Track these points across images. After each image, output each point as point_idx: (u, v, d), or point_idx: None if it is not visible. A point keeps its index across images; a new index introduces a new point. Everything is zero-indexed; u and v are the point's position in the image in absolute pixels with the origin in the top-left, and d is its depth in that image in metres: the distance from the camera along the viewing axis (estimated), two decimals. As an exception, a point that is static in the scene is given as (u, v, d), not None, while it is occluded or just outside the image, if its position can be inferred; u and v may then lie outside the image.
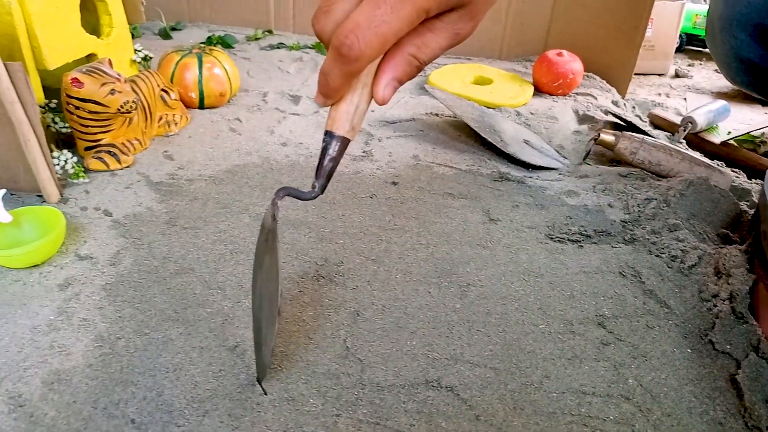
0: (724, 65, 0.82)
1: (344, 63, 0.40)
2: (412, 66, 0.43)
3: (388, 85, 0.43)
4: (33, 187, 0.81)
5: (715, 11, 0.80)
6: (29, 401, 0.52)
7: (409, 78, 0.44)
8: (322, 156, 0.46)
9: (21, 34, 0.84)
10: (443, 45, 0.43)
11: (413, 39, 0.42)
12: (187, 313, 0.63)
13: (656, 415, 0.54)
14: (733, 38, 0.78)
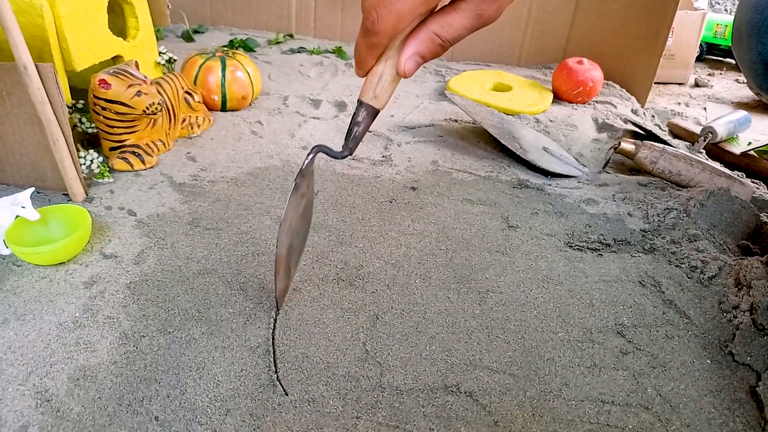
0: (750, 71, 0.81)
1: (366, 35, 0.45)
2: (435, 43, 0.45)
3: (410, 59, 0.46)
4: (59, 186, 0.83)
5: (743, 17, 0.79)
6: (56, 396, 0.53)
7: (433, 55, 0.46)
8: (351, 121, 0.53)
9: (51, 36, 0.86)
10: (467, 25, 0.44)
11: (438, 18, 0.44)
12: (209, 312, 0.64)
13: (675, 426, 0.54)
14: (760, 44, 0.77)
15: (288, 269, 0.66)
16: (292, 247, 0.66)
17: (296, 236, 0.67)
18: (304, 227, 0.71)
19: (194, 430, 0.51)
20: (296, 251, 0.69)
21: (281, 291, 0.65)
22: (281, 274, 0.63)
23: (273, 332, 0.62)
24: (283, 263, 0.62)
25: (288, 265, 0.65)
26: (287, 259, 0.64)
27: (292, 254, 0.67)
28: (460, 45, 1.66)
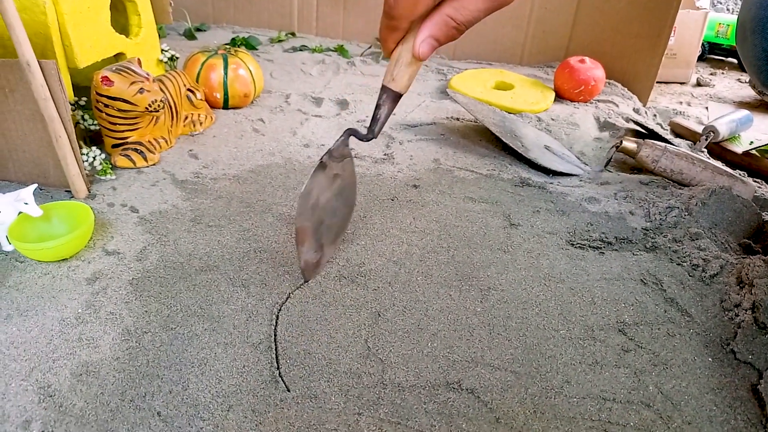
0: (754, 68, 0.81)
1: (386, 19, 0.48)
2: (449, 26, 0.46)
3: (424, 42, 0.48)
4: (62, 183, 0.83)
5: (747, 13, 0.79)
6: (58, 391, 0.53)
7: (447, 38, 0.48)
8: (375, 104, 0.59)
9: (53, 33, 0.86)
10: (481, 8, 0.45)
11: (452, 1, 0.46)
12: (212, 309, 0.64)
13: (677, 423, 0.54)
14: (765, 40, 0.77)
15: (318, 244, 0.70)
16: (323, 224, 0.70)
17: (329, 214, 0.71)
18: (342, 209, 0.74)
19: (196, 425, 0.51)
20: (331, 230, 0.72)
21: (307, 263, 0.69)
22: (305, 247, 0.67)
23: (275, 329, 0.62)
24: (308, 236, 0.67)
25: (318, 240, 0.70)
26: (315, 233, 0.69)
27: (325, 231, 0.71)
28: (462, 43, 1.66)
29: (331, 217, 0.72)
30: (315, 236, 0.69)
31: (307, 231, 0.67)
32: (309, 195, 0.66)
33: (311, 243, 0.69)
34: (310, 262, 0.69)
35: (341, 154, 0.69)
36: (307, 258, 0.69)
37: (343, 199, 0.74)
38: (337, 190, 0.71)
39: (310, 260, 0.70)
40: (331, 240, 0.73)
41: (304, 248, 0.68)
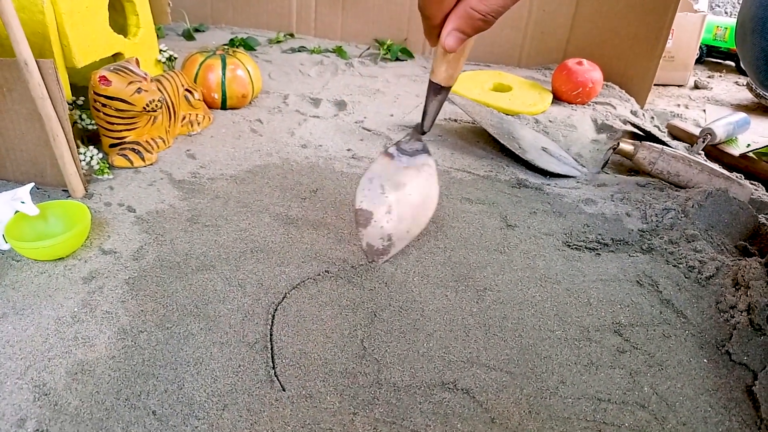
0: (753, 68, 0.81)
1: (422, 17, 0.50)
2: (473, 18, 0.47)
3: (450, 35, 0.49)
4: (59, 182, 0.83)
5: (747, 12, 0.79)
6: (54, 390, 0.53)
7: (474, 29, 0.49)
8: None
9: (52, 33, 0.86)
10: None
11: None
12: (208, 308, 0.64)
13: (671, 424, 0.54)
14: (764, 40, 0.77)
15: (386, 234, 0.72)
16: (391, 213, 0.73)
17: (399, 205, 0.73)
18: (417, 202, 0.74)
19: (191, 424, 0.51)
20: (403, 221, 0.74)
21: (371, 247, 0.72)
22: (368, 231, 0.72)
23: (271, 328, 0.62)
24: (369, 220, 0.71)
25: (385, 229, 0.72)
26: (380, 220, 0.72)
27: (395, 221, 0.73)
28: (461, 45, 1.66)
29: (402, 208, 0.73)
30: (379, 224, 0.72)
31: (366, 215, 0.71)
32: (370, 182, 0.71)
33: (375, 229, 0.72)
34: (374, 247, 0.72)
35: (412, 148, 0.73)
36: (372, 243, 0.72)
37: (419, 194, 0.74)
38: (411, 182, 0.73)
39: (376, 246, 0.72)
40: (403, 232, 0.74)
41: (366, 232, 0.72)
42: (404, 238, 0.74)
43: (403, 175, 0.73)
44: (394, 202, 0.73)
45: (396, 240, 0.73)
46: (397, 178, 0.73)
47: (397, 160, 0.73)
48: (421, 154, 0.74)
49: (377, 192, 0.72)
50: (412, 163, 0.73)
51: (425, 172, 0.74)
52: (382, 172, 0.72)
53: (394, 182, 0.73)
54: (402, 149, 0.72)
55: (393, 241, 0.73)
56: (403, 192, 0.73)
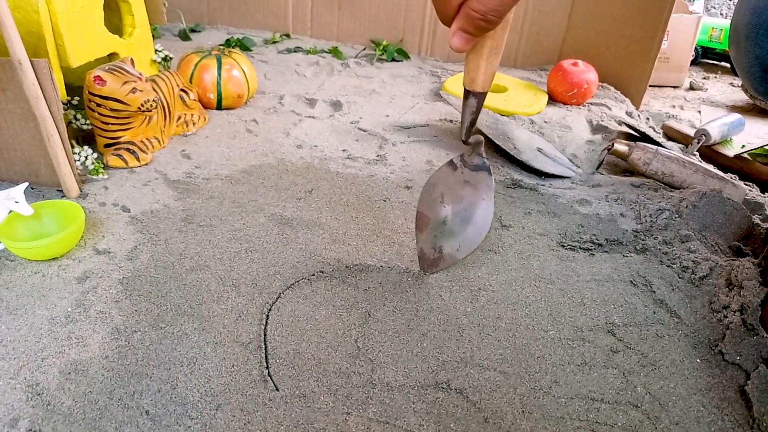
0: (747, 74, 0.81)
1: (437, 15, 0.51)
2: (473, 18, 0.47)
3: (455, 35, 0.50)
4: (53, 182, 0.83)
5: (741, 19, 0.79)
6: (47, 390, 0.53)
7: (478, 29, 0.49)
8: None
9: (46, 32, 0.86)
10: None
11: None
12: (201, 308, 0.64)
13: (664, 424, 0.54)
14: (758, 47, 0.77)
15: (437, 244, 0.72)
16: (445, 225, 0.72)
17: (454, 218, 0.73)
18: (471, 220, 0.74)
19: (185, 424, 0.51)
20: (453, 236, 0.73)
21: (423, 254, 0.71)
22: (423, 236, 0.71)
23: (265, 328, 0.62)
24: (425, 226, 0.71)
25: (436, 238, 0.72)
26: (434, 229, 0.72)
27: (447, 234, 0.72)
28: (457, 46, 1.66)
29: (455, 223, 0.73)
30: (433, 232, 0.72)
31: (425, 220, 0.71)
32: (433, 187, 0.71)
33: (429, 237, 0.71)
34: (426, 255, 0.72)
35: (473, 162, 0.72)
36: (424, 249, 0.71)
37: (473, 211, 0.74)
38: (468, 199, 0.73)
39: (427, 254, 0.72)
40: (453, 248, 0.73)
41: (422, 237, 0.71)
42: (453, 255, 0.73)
43: (463, 188, 0.73)
44: (451, 214, 0.73)
45: (446, 254, 0.72)
46: (457, 190, 0.73)
47: (459, 172, 0.72)
48: (482, 171, 0.73)
49: (437, 200, 0.72)
50: (473, 178, 0.73)
51: (483, 192, 0.73)
52: (445, 181, 0.72)
53: (454, 194, 0.72)
54: (465, 161, 0.72)
55: (443, 254, 0.72)
56: (460, 206, 0.73)
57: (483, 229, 0.74)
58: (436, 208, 0.72)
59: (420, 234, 0.71)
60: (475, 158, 0.72)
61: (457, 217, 0.73)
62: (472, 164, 0.72)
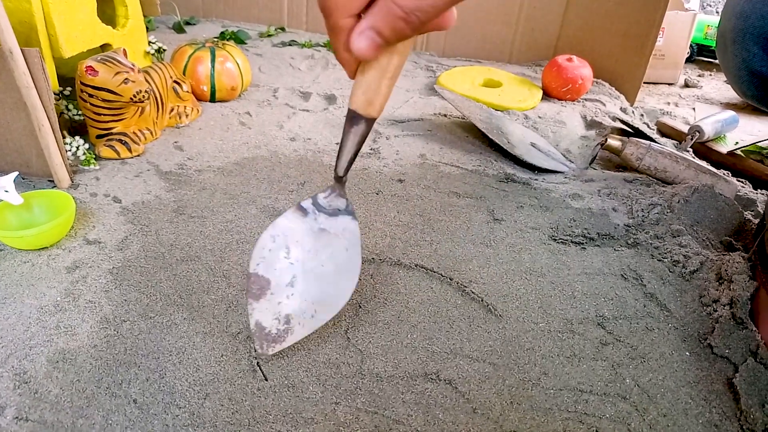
0: (734, 78, 0.82)
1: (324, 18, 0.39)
2: (394, 15, 0.36)
3: (362, 34, 0.38)
4: (45, 172, 0.83)
5: (727, 24, 0.79)
6: (34, 378, 0.53)
7: (394, 32, 0.37)
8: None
9: (38, 22, 0.86)
10: None
11: None
12: (191, 299, 0.64)
13: (652, 415, 0.54)
14: (745, 51, 0.77)
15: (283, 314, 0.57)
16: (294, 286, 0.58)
17: (308, 279, 0.58)
18: (332, 280, 0.58)
19: (172, 413, 0.51)
20: (307, 300, 0.58)
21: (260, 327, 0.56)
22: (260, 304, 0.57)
23: (255, 319, 0.62)
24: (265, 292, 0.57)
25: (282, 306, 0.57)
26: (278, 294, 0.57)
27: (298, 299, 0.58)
28: (452, 41, 1.66)
29: (308, 283, 0.58)
30: (276, 298, 0.57)
31: (262, 284, 0.57)
32: (272, 241, 0.57)
33: (270, 305, 0.57)
34: (266, 329, 0.56)
35: (332, 205, 0.58)
36: (263, 323, 0.56)
37: (333, 265, 0.59)
38: (325, 251, 0.59)
39: (267, 328, 0.56)
40: (306, 316, 0.57)
41: (258, 306, 0.56)
42: (307, 324, 0.57)
43: (317, 239, 0.58)
44: (300, 273, 0.58)
45: (295, 324, 0.56)
46: (310, 242, 0.59)
47: (311, 219, 0.58)
48: (343, 215, 0.59)
49: (280, 255, 0.58)
50: (331, 225, 0.59)
51: (345, 239, 0.59)
52: (290, 231, 0.58)
53: (305, 247, 0.58)
54: (319, 205, 0.58)
55: (291, 325, 0.56)
56: (314, 261, 0.58)
57: (347, 285, 0.58)
58: (279, 267, 0.58)
59: (255, 302, 0.56)
60: (337, 200, 0.58)
61: (309, 275, 0.58)
62: (329, 208, 0.58)
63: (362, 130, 0.47)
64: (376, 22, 0.37)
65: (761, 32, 0.75)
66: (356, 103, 0.45)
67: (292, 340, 0.56)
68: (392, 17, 0.36)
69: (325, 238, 0.59)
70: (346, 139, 0.48)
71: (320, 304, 0.57)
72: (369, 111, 0.45)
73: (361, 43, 0.38)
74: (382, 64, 0.42)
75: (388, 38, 0.38)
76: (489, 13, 1.59)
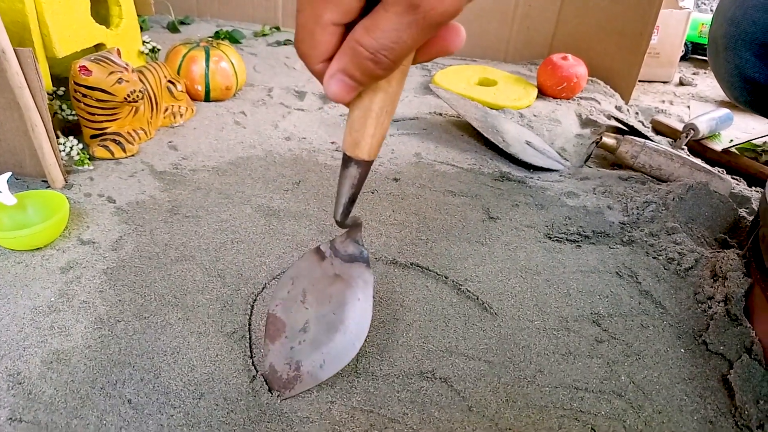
0: (727, 84, 0.82)
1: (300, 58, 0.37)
2: (360, 56, 0.34)
3: (333, 78, 0.36)
4: (38, 173, 0.82)
5: (719, 30, 0.80)
6: (28, 379, 0.53)
7: (363, 73, 0.35)
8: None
9: (32, 22, 0.85)
10: (396, 25, 0.32)
11: (366, 20, 0.33)
12: (186, 299, 0.64)
13: (647, 412, 0.55)
14: (738, 58, 0.77)
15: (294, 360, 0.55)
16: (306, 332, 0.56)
17: (319, 325, 0.56)
18: (341, 328, 0.56)
19: (167, 413, 0.51)
20: (317, 349, 0.55)
21: (273, 370, 0.54)
22: (275, 347, 0.56)
23: (249, 318, 0.62)
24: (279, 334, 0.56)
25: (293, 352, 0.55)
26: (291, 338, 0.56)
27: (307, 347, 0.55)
28: (447, 40, 1.66)
29: (320, 331, 0.56)
30: (290, 342, 0.56)
31: (278, 326, 0.56)
32: (292, 282, 0.57)
33: (283, 348, 0.56)
34: (278, 373, 0.54)
35: (347, 251, 0.57)
36: (276, 365, 0.55)
37: (344, 315, 0.56)
38: (338, 298, 0.57)
39: (279, 372, 0.54)
40: (315, 365, 0.54)
41: (274, 348, 0.56)
42: (315, 375, 0.54)
43: (332, 284, 0.57)
44: (313, 319, 0.57)
45: (305, 373, 0.54)
46: (324, 287, 0.58)
47: (328, 263, 0.58)
48: (358, 263, 0.57)
49: (297, 299, 0.58)
50: (346, 272, 0.57)
51: (359, 289, 0.57)
52: (309, 274, 0.58)
53: (319, 292, 0.57)
54: (336, 250, 0.58)
55: (301, 373, 0.54)
56: (327, 309, 0.57)
57: (357, 338, 0.55)
58: (295, 311, 0.57)
59: (271, 344, 0.56)
60: (350, 246, 0.57)
61: (321, 322, 0.56)
62: (345, 254, 0.58)
63: (353, 173, 0.44)
64: (345, 65, 0.35)
65: (753, 38, 0.75)
66: (344, 144, 0.43)
67: (301, 388, 0.53)
68: (359, 59, 0.34)
69: (340, 285, 0.57)
70: (340, 182, 0.46)
71: (328, 355, 0.54)
72: (356, 153, 0.42)
73: (333, 87, 0.36)
74: (365, 104, 0.39)
75: (360, 80, 0.36)
76: (484, 12, 1.59)
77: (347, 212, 0.48)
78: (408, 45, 0.33)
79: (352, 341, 0.55)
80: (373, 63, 0.34)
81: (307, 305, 0.57)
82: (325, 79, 0.36)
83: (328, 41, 0.35)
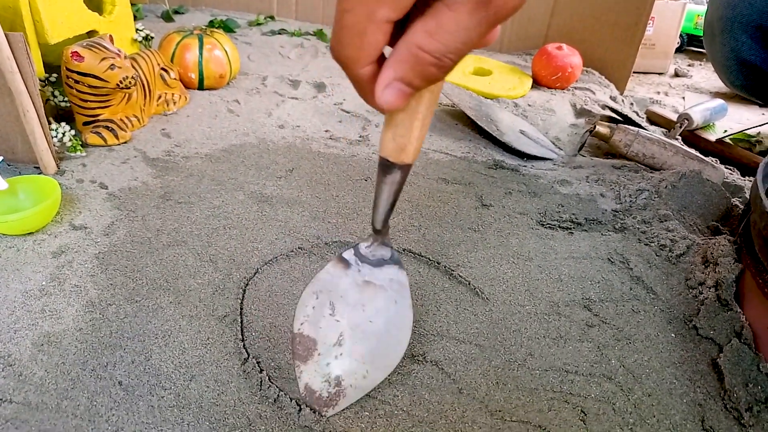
0: (722, 67, 0.82)
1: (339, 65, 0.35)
2: (423, 62, 0.32)
3: (389, 87, 0.33)
4: (30, 159, 0.82)
5: (715, 13, 0.80)
6: (18, 361, 0.53)
7: (424, 78, 0.33)
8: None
9: (23, 7, 0.85)
10: (467, 24, 0.30)
11: (424, 22, 0.31)
12: (178, 283, 0.64)
13: (637, 395, 0.55)
14: (734, 40, 0.77)
15: (333, 375, 0.52)
16: (342, 345, 0.53)
17: (355, 336, 0.54)
18: (381, 338, 0.53)
19: (158, 394, 0.51)
20: (356, 361, 0.53)
21: (309, 390, 0.51)
22: (308, 366, 0.52)
23: (241, 302, 0.62)
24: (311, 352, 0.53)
25: (329, 367, 0.52)
26: (324, 355, 0.53)
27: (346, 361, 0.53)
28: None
29: (357, 341, 0.53)
30: (324, 359, 0.53)
31: (308, 344, 0.53)
32: (315, 298, 0.54)
33: (318, 366, 0.52)
34: (316, 392, 0.51)
35: (376, 255, 0.55)
36: (312, 386, 0.51)
37: (383, 320, 0.54)
38: (373, 304, 0.55)
39: (317, 391, 0.51)
40: (358, 376, 0.52)
41: (308, 368, 0.52)
42: (360, 386, 0.51)
43: (362, 292, 0.55)
44: (348, 330, 0.54)
45: (347, 386, 0.51)
46: (355, 296, 0.55)
47: (354, 271, 0.55)
48: (388, 265, 0.55)
49: (325, 313, 0.54)
50: (376, 276, 0.55)
51: (394, 290, 0.55)
52: (333, 286, 0.55)
53: (350, 302, 0.55)
54: (362, 255, 0.55)
55: (343, 387, 0.51)
56: (362, 317, 0.54)
57: (399, 343, 0.53)
58: (325, 325, 0.54)
59: (303, 365, 0.52)
60: (379, 249, 0.55)
61: (357, 332, 0.54)
62: (374, 258, 0.55)
63: (397, 179, 0.43)
64: (405, 73, 0.33)
65: (749, 20, 0.75)
66: (386, 150, 0.41)
67: (346, 403, 0.50)
68: (422, 65, 0.32)
69: (371, 291, 0.55)
70: (380, 189, 0.44)
71: (372, 364, 0.52)
72: (402, 158, 0.41)
73: (389, 97, 0.34)
74: (411, 107, 0.38)
75: (419, 87, 0.34)
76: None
77: (388, 219, 0.47)
78: (475, 44, 0.31)
79: (396, 345, 0.53)
80: (437, 68, 0.32)
81: (338, 317, 0.54)
82: (379, 89, 0.33)
83: (380, 41, 0.32)
